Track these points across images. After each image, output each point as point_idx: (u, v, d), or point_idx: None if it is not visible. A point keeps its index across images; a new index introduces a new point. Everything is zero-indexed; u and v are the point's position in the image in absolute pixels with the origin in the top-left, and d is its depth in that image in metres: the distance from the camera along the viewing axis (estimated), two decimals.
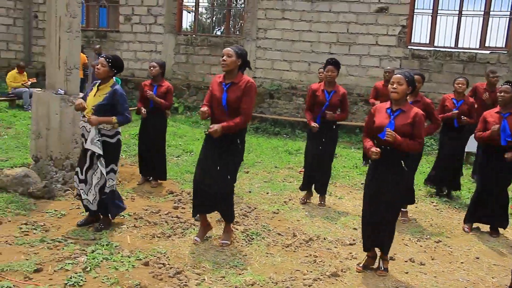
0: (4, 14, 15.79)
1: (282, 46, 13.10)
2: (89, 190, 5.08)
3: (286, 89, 13.08)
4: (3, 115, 11.32)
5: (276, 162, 9.05)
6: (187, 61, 14.27)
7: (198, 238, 4.98)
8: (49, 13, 6.50)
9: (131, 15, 14.93)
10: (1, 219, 5.17)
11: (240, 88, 4.69)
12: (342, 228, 5.76)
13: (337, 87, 6.47)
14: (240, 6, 19.60)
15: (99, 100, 4.98)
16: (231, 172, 4.88)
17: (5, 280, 3.81)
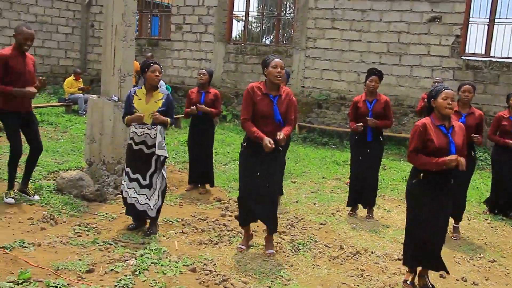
0: (64, 23, 16.44)
1: (332, 55, 13.03)
2: (152, 195, 5.19)
3: (335, 99, 13.00)
4: (60, 119, 11.75)
5: (324, 172, 8.99)
6: (236, 70, 14.42)
7: (243, 246, 5.00)
8: (106, 23, 6.72)
9: (182, 24, 15.23)
10: (57, 219, 5.36)
11: (285, 99, 4.78)
12: (390, 242, 5.65)
13: (379, 95, 6.41)
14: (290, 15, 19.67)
15: (158, 105, 5.16)
16: (277, 180, 4.91)
17: (60, 278, 3.94)
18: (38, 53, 15.52)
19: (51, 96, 14.64)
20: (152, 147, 5.13)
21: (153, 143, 5.11)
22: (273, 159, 4.82)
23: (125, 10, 6.53)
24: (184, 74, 15.26)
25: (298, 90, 13.30)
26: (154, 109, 5.12)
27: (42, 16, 15.78)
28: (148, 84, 5.23)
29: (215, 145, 7.55)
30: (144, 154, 5.16)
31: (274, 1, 18.34)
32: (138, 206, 5.22)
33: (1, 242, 4.50)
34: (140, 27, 16.75)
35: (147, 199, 5.19)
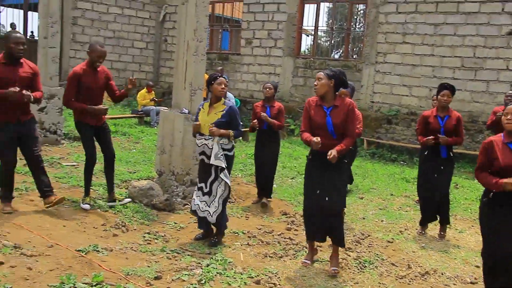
0: (139, 38, 17.18)
1: (402, 70, 12.77)
2: (211, 202, 5.29)
3: (405, 115, 12.69)
4: (133, 130, 12.22)
5: (392, 189, 8.78)
6: (305, 84, 14.43)
7: (308, 260, 4.97)
8: (178, 38, 6.96)
9: (252, 38, 15.48)
10: (128, 226, 5.57)
11: (342, 110, 4.70)
12: (462, 264, 5.41)
13: (451, 111, 6.19)
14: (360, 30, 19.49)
15: (217, 117, 5.24)
16: (341, 194, 4.85)
17: (130, 283, 4.08)
18: (115, 66, 16.28)
19: (125, 107, 15.28)
20: (211, 157, 5.25)
21: (211, 153, 5.23)
22: (336, 172, 4.76)
23: (197, 26, 6.73)
24: (253, 88, 15.46)
25: (367, 105, 13.12)
26: (213, 120, 5.22)
27: (119, 32, 16.57)
28: (213, 96, 5.36)
29: (282, 158, 7.58)
30: (205, 163, 5.29)
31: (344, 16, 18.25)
32: (199, 213, 5.34)
33: (77, 246, 4.73)
34: (211, 42, 17.18)
35: (207, 206, 5.29)
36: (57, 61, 9.76)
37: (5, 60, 5.38)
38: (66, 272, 4.10)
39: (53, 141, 9.55)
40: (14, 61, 5.41)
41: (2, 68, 5.33)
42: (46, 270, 4.12)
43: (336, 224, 4.84)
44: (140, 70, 17.37)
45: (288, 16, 14.66)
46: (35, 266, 4.16)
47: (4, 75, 5.30)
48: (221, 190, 5.28)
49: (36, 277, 3.98)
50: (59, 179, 7.05)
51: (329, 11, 21.84)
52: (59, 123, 9.70)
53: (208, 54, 15.77)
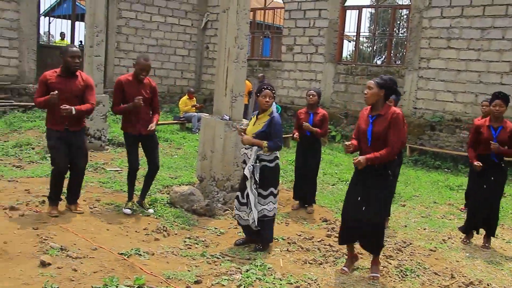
0: (181, 46, 17.47)
1: (446, 76, 12.49)
2: (250, 213, 5.31)
3: (449, 121, 12.40)
4: (174, 136, 12.43)
5: (436, 197, 8.58)
6: (346, 90, 14.32)
7: (346, 268, 4.91)
8: (220, 45, 7.04)
9: (293, 45, 15.49)
10: (169, 231, 5.65)
11: (386, 119, 4.60)
12: (509, 275, 5.23)
13: (505, 122, 5.95)
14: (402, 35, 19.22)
15: (259, 128, 5.26)
16: (381, 205, 4.75)
17: (170, 286, 4.15)
18: (157, 74, 16.60)
19: (167, 114, 15.54)
20: None
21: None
22: (378, 181, 4.69)
23: (238, 33, 6.79)
24: (294, 94, 15.45)
25: (410, 111, 12.89)
26: (255, 130, 5.25)
27: (162, 40, 16.90)
28: (259, 108, 5.40)
29: (323, 165, 7.54)
30: (243, 173, 5.33)
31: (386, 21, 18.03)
32: (241, 222, 5.40)
33: (120, 249, 4.84)
34: (252, 48, 17.30)
35: (246, 215, 5.32)
36: (102, 69, 10.05)
37: (61, 73, 5.64)
38: (109, 275, 4.20)
39: (98, 146, 9.82)
40: (70, 74, 5.66)
41: (57, 80, 5.58)
42: (90, 272, 4.24)
43: (374, 234, 4.76)
44: (182, 77, 17.65)
45: (329, 22, 14.60)
46: (80, 267, 4.29)
47: (57, 86, 5.53)
48: (253, 201, 5.24)
49: (80, 278, 4.09)
50: (103, 184, 7.25)
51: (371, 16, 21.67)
52: (103, 129, 9.97)
53: (249, 61, 15.88)
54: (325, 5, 14.67)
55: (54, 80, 5.57)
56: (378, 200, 4.70)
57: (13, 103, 13.23)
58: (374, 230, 4.76)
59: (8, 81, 13.71)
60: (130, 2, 16.04)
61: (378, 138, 4.60)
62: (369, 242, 4.81)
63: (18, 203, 5.92)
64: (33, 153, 9.09)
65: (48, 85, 5.54)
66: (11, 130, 11.04)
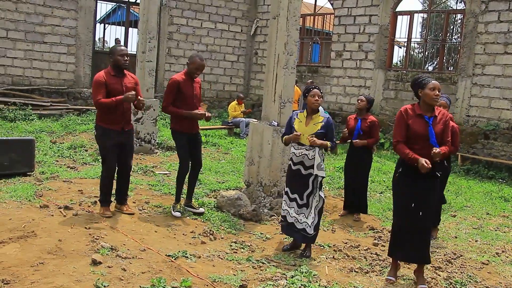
0: (230, 52, 17.67)
1: (503, 83, 12.06)
2: (309, 213, 5.32)
3: (505, 130, 11.95)
4: (222, 141, 12.56)
5: (489, 208, 8.29)
6: (396, 97, 14.08)
7: (392, 277, 4.82)
8: (269, 51, 7.07)
9: (342, 51, 15.37)
10: (216, 235, 5.72)
11: (440, 120, 4.63)
12: None
13: None
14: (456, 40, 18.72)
15: (317, 128, 5.29)
16: (435, 209, 4.69)
17: None
18: (207, 79, 16.84)
19: (215, 119, 15.73)
20: (309, 168, 5.26)
21: (311, 164, 5.24)
22: (430, 186, 4.63)
23: (287, 39, 6.81)
24: (343, 100, 15.32)
25: (463, 119, 12.53)
26: (313, 131, 5.25)
27: (212, 46, 17.15)
28: (308, 108, 5.41)
29: (371, 173, 7.42)
30: (302, 174, 5.30)
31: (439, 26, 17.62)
32: (298, 225, 5.36)
33: (167, 251, 4.94)
34: (301, 54, 17.28)
35: (305, 218, 5.32)
36: (153, 74, 10.30)
37: (113, 72, 5.84)
38: (157, 276, 4.29)
39: (147, 150, 10.06)
40: (120, 72, 5.87)
41: (111, 80, 5.80)
42: (139, 272, 4.35)
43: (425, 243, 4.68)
44: (231, 82, 17.83)
45: (380, 28, 14.41)
46: (129, 267, 4.41)
47: (114, 86, 5.77)
48: (316, 201, 5.31)
49: (129, 278, 4.21)
50: (152, 187, 7.41)
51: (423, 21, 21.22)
52: (153, 133, 10.20)
53: (298, 67, 15.81)
54: (375, 10, 14.50)
55: (109, 80, 5.77)
56: (432, 204, 4.66)
57: (69, 107, 13.76)
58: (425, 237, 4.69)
59: (65, 86, 14.28)
60: (181, 9, 16.37)
61: (441, 138, 4.61)
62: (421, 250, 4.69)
63: (72, 203, 6.15)
64: (86, 155, 9.41)
65: (108, 85, 5.75)
66: (66, 132, 11.47)
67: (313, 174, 5.25)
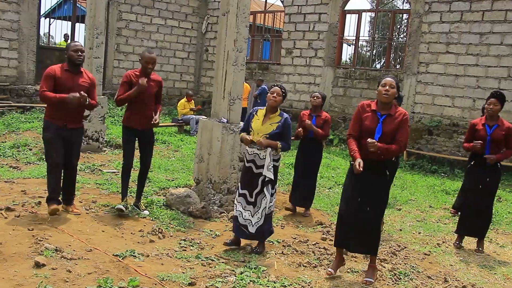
0: (181, 49, 17.52)
1: (445, 81, 12.52)
2: (255, 213, 5.33)
3: (447, 126, 12.43)
4: (172, 139, 12.45)
5: (431, 201, 8.60)
6: (345, 94, 14.36)
7: (332, 269, 4.88)
8: (219, 48, 7.06)
9: (292, 48, 15.53)
10: (165, 233, 5.67)
11: (396, 120, 4.63)
12: (502, 279, 5.25)
13: (501, 120, 6.05)
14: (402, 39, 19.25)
15: (272, 128, 5.28)
16: (382, 206, 4.78)
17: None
18: None
19: (165, 116, 15.58)
20: (260, 167, 5.28)
21: (262, 163, 5.26)
22: (378, 182, 4.72)
23: (237, 36, 6.82)
24: (293, 97, 15.48)
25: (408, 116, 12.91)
26: (268, 131, 5.26)
27: (162, 42, 16.95)
28: (268, 106, 5.41)
29: (320, 168, 7.54)
30: (253, 172, 5.32)
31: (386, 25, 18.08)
32: (241, 220, 5.37)
33: (115, 250, 4.86)
34: (252, 51, 17.34)
35: (250, 216, 5.33)
36: (101, 71, 10.08)
37: (68, 68, 5.72)
38: (104, 276, 4.21)
39: (95, 148, 9.84)
40: (74, 69, 5.73)
41: (63, 74, 5.65)
42: (85, 273, 4.26)
43: (373, 234, 4.79)
44: (181, 79, 17.69)
45: (329, 26, 14.64)
46: (75, 269, 4.31)
47: (64, 81, 5.61)
48: (265, 203, 5.30)
49: (75, 279, 4.11)
50: (100, 186, 7.26)
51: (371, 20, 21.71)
52: (101, 131, 9.99)
53: (248, 64, 15.93)
54: (325, 9, 14.72)
55: (61, 75, 5.62)
56: (379, 200, 4.74)
57: (11, 104, 13.26)
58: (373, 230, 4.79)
59: (7, 82, 13.74)
60: (130, 4, 16.09)
61: (387, 138, 4.61)
62: (366, 242, 4.80)
63: (14, 204, 5.93)
64: (30, 154, 9.10)
65: (56, 79, 5.59)
66: (8, 131, 11.05)
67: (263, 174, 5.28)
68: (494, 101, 5.97)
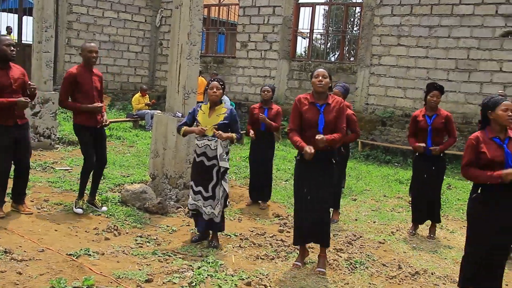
0: (134, 42, 17.22)
1: (397, 73, 12.82)
2: (216, 205, 5.31)
3: (399, 117, 12.74)
4: (127, 134, 12.24)
5: (386, 191, 8.81)
6: (300, 87, 14.47)
7: (299, 262, 4.99)
8: (172, 41, 6.98)
9: (247, 41, 15.53)
10: (120, 230, 5.57)
11: (334, 108, 4.75)
12: (452, 263, 5.44)
13: (439, 110, 6.28)
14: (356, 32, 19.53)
15: (220, 119, 5.26)
16: (328, 192, 4.87)
17: (120, 286, 4.10)
18: (110, 71, 16.31)
19: (120, 111, 15.30)
20: (212, 159, 5.26)
21: (213, 154, 5.24)
22: (323, 171, 4.79)
23: (190, 29, 6.75)
24: (248, 91, 15.50)
25: (362, 107, 13.17)
26: (216, 122, 5.25)
27: (115, 36, 16.62)
28: (210, 101, 5.40)
29: (276, 161, 7.61)
30: (206, 166, 5.29)
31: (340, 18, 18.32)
32: (205, 216, 5.35)
33: (68, 250, 4.75)
34: (207, 45, 17.23)
35: (212, 209, 5.31)
36: (51, 66, 9.78)
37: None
38: (57, 276, 4.11)
39: (47, 145, 9.56)
40: (5, 64, 5.47)
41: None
42: (37, 274, 4.14)
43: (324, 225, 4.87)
44: (135, 74, 17.41)
45: (283, 19, 14.71)
46: (25, 270, 4.18)
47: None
48: (222, 191, 5.32)
49: (26, 281, 3.99)
50: (52, 184, 7.07)
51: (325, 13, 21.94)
52: (53, 128, 9.71)
53: (203, 57, 15.82)
54: (279, 1, 14.77)
55: None
56: (325, 186, 4.81)
57: None
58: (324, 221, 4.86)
59: None
60: None
61: (330, 127, 4.71)
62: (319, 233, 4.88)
63: None
64: None
65: None
66: None
67: (216, 165, 5.26)
68: (437, 93, 6.18)
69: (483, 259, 4.09)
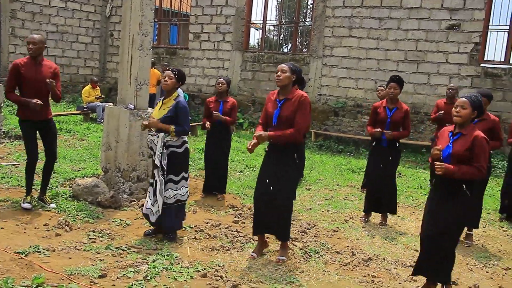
0: (84, 33, 16.75)
1: (349, 63, 13.02)
2: (155, 202, 5.24)
3: (351, 107, 12.97)
4: (78, 127, 11.93)
5: (339, 180, 8.96)
6: (253, 78, 14.49)
7: (255, 253, 5.01)
8: (123, 32, 6.83)
9: (200, 32, 15.39)
10: (72, 225, 5.44)
11: (293, 103, 4.74)
12: (403, 249, 5.61)
13: (400, 104, 6.40)
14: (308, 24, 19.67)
15: (164, 113, 5.18)
16: (289, 189, 4.90)
17: (73, 283, 4.01)
18: (58, 62, 15.80)
19: (70, 104, 14.89)
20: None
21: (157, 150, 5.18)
22: (284, 165, 4.82)
23: (142, 20, 6.63)
24: (202, 82, 15.39)
25: (315, 98, 13.31)
26: (161, 115, 5.17)
27: (63, 26, 16.11)
28: (164, 91, 5.33)
29: (230, 152, 7.59)
30: (153, 160, 5.23)
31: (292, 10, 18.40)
32: (144, 210, 5.32)
33: (16, 248, 4.60)
34: (159, 36, 16.95)
35: (151, 205, 5.25)
36: None
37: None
38: (4, 276, 3.97)
39: None
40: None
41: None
42: None
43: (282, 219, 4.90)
44: (85, 65, 16.96)
45: (236, 10, 14.65)
46: None
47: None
48: (158, 190, 5.16)
49: None
50: None
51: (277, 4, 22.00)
52: None
53: (155, 49, 15.57)
54: None
55: None
56: (284, 181, 4.83)
57: None
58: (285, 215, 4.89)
59: None
60: None
61: (285, 121, 4.71)
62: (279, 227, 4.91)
63: None
64: None
65: None
66: None
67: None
68: (394, 85, 6.29)
69: None
